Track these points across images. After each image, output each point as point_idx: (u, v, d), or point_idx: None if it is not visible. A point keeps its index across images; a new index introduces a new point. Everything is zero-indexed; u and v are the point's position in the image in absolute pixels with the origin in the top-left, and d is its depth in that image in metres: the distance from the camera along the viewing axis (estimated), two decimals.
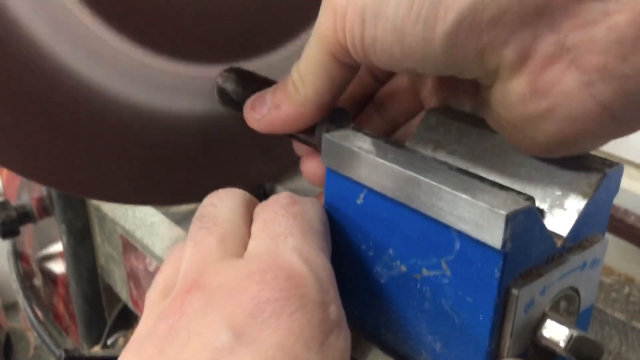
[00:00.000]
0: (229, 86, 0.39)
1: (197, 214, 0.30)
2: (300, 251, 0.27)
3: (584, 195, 0.27)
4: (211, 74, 0.40)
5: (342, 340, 0.26)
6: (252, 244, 0.28)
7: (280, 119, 0.33)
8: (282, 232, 0.28)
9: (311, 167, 0.36)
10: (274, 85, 0.34)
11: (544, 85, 0.24)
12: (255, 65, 0.42)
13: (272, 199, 0.30)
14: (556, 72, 0.24)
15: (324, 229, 0.30)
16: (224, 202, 0.30)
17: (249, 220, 0.30)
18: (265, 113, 0.33)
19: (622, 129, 0.25)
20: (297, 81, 0.32)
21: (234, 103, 0.39)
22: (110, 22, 0.36)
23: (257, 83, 0.37)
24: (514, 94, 0.25)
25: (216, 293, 0.25)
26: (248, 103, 0.35)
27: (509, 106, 0.26)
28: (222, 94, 0.40)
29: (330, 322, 0.25)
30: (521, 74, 0.25)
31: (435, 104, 0.34)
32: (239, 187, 0.32)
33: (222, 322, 0.24)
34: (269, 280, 0.25)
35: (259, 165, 0.49)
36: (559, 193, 0.28)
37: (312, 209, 0.30)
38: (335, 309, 0.26)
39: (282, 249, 0.27)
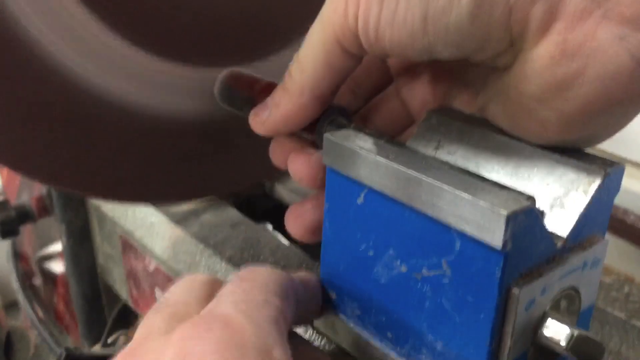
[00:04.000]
0: (230, 87, 0.39)
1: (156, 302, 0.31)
2: (237, 304, 0.26)
3: (585, 195, 0.27)
4: (212, 75, 0.40)
5: None
6: None
7: (282, 116, 0.33)
8: (225, 293, 0.28)
9: (298, 164, 0.35)
10: (274, 89, 0.34)
11: (574, 44, 0.24)
12: (255, 69, 0.42)
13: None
14: (588, 28, 0.23)
15: (280, 290, 0.29)
16: (179, 286, 0.30)
17: (207, 300, 0.29)
18: (267, 115, 0.33)
19: None
20: (295, 70, 0.31)
21: (235, 103, 0.39)
22: (115, 27, 0.36)
23: (259, 84, 0.37)
24: (541, 60, 0.25)
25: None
26: (252, 112, 0.35)
27: (534, 76, 0.25)
28: (223, 94, 0.40)
29: None
30: (550, 35, 0.24)
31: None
32: (239, 185, 0.32)
33: None
34: (201, 333, 0.24)
35: (259, 164, 0.49)
36: (559, 193, 0.28)
37: (267, 273, 0.30)
38: (280, 352, 0.25)
39: (221, 305, 0.27)
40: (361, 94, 0.36)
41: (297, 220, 0.35)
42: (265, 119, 0.33)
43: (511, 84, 0.27)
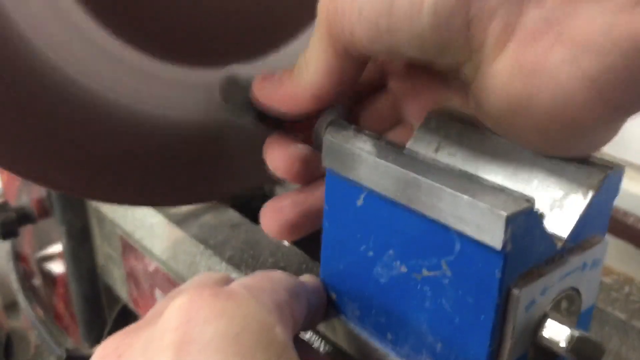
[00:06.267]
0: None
1: None
2: (244, 285, 0.27)
3: (585, 197, 0.27)
4: (210, 77, 0.40)
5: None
6: None
7: (279, 94, 0.33)
8: (236, 280, 0.29)
9: (275, 154, 0.35)
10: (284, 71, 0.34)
11: (529, 64, 0.24)
12: (254, 67, 0.42)
13: None
14: (541, 49, 0.23)
15: (291, 287, 0.30)
16: (194, 278, 0.32)
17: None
18: (268, 85, 0.34)
19: (614, 112, 0.24)
20: (302, 66, 0.32)
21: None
22: (111, 27, 0.36)
23: None
24: (499, 76, 0.25)
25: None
26: (261, 75, 0.35)
27: (494, 92, 0.25)
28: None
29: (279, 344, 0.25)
30: (506, 51, 0.24)
31: (419, 119, 0.34)
32: (238, 189, 0.32)
33: None
34: (206, 299, 0.25)
35: (259, 167, 0.49)
36: (559, 194, 0.28)
37: (280, 273, 0.31)
38: (282, 331, 0.25)
39: (230, 285, 0.28)
40: (353, 94, 0.36)
41: (274, 216, 0.35)
42: (265, 87, 0.34)
43: (477, 97, 0.27)
